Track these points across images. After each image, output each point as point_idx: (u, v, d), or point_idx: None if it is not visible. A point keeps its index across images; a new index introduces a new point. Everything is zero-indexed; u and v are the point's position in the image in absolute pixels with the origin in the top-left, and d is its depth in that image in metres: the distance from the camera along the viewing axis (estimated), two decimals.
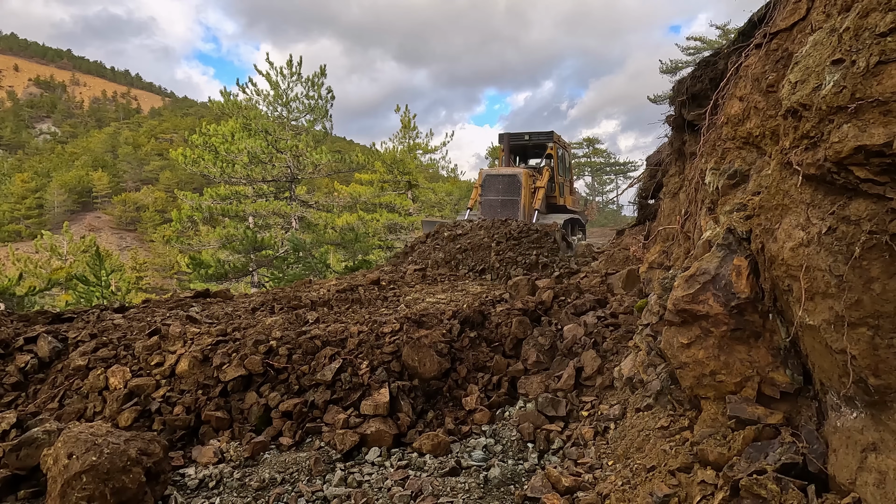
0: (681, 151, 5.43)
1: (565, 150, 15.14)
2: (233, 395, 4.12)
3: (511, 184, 12.39)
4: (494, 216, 11.64)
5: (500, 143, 14.21)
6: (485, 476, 3.33)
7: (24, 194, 65.98)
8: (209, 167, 20.63)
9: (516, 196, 12.24)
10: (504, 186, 12.48)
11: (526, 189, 12.29)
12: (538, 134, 14.15)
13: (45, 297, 16.02)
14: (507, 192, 12.37)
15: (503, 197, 12.40)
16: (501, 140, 14.12)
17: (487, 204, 12.56)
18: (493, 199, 12.54)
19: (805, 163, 2.25)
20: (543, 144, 14.21)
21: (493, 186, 12.61)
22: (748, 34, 4.07)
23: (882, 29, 1.95)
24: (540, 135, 14.11)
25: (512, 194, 12.33)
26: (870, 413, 2.10)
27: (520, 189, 12.26)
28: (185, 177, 55.27)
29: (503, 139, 14.03)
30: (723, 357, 2.80)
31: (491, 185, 12.65)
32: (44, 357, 4.70)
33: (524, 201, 12.20)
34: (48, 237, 23.83)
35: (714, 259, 2.93)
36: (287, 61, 22.04)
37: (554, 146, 13.96)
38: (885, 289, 1.95)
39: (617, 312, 4.93)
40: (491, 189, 12.63)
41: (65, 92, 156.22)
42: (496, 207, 12.34)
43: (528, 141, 14.24)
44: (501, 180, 12.53)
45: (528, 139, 14.15)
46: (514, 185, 12.34)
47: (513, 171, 12.73)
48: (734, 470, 2.33)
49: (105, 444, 2.91)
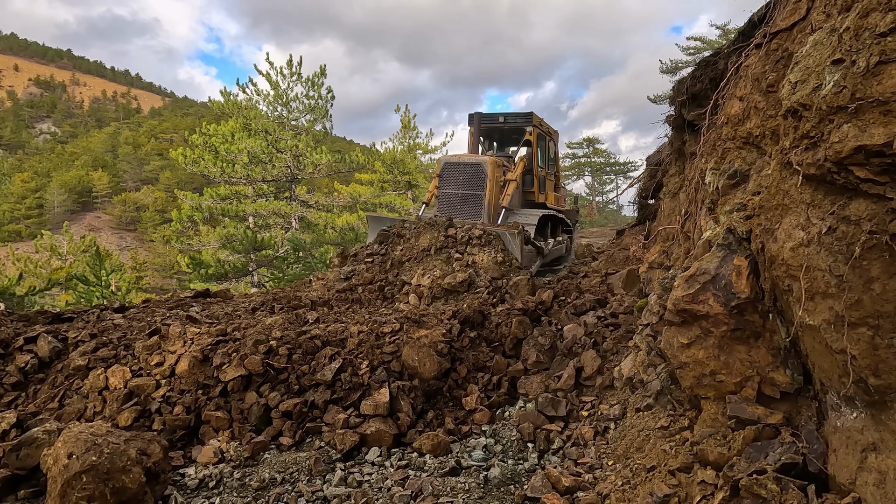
0: (681, 151, 5.43)
1: (549, 137, 12.75)
2: (233, 395, 4.12)
3: (474, 174, 10.30)
4: (453, 214, 9.95)
5: (469, 124, 11.78)
6: (485, 476, 3.33)
7: (24, 194, 65.98)
8: (209, 167, 20.63)
9: (480, 190, 10.16)
10: (466, 177, 10.38)
11: (493, 181, 10.12)
12: (515, 115, 11.75)
13: (45, 297, 16.03)
14: (469, 185, 10.32)
15: (464, 191, 10.35)
16: (471, 121, 11.64)
17: (445, 199, 10.52)
18: (451, 194, 10.50)
19: (805, 163, 2.25)
20: (521, 128, 11.69)
21: (452, 177, 10.52)
22: (748, 34, 4.07)
23: (882, 29, 1.95)
24: (517, 116, 11.69)
25: (474, 187, 10.26)
26: (870, 413, 2.10)
27: (484, 181, 10.11)
28: (185, 177, 55.26)
29: (473, 119, 11.55)
30: (723, 357, 2.80)
31: (450, 175, 10.55)
32: (44, 357, 4.70)
33: (489, 196, 10.07)
34: (48, 237, 23.83)
35: (714, 259, 2.93)
36: (287, 61, 22.04)
37: (533, 131, 11.47)
38: (885, 289, 1.95)
39: (617, 312, 4.93)
40: (450, 180, 10.53)
41: (65, 92, 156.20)
42: (455, 204, 10.39)
43: (504, 123, 11.85)
44: (462, 170, 10.40)
45: (503, 121, 11.77)
46: (478, 175, 10.24)
47: (476, 158, 10.48)
48: (734, 470, 2.33)
49: (105, 444, 2.91)
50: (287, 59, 23.11)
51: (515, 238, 7.86)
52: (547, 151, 12.56)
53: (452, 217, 9.54)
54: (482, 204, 10.15)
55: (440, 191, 10.65)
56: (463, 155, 11.03)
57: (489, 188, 10.08)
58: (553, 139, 13.08)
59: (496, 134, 12.79)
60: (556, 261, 11.02)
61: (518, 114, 11.83)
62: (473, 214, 10.08)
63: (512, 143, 12.62)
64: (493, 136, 12.98)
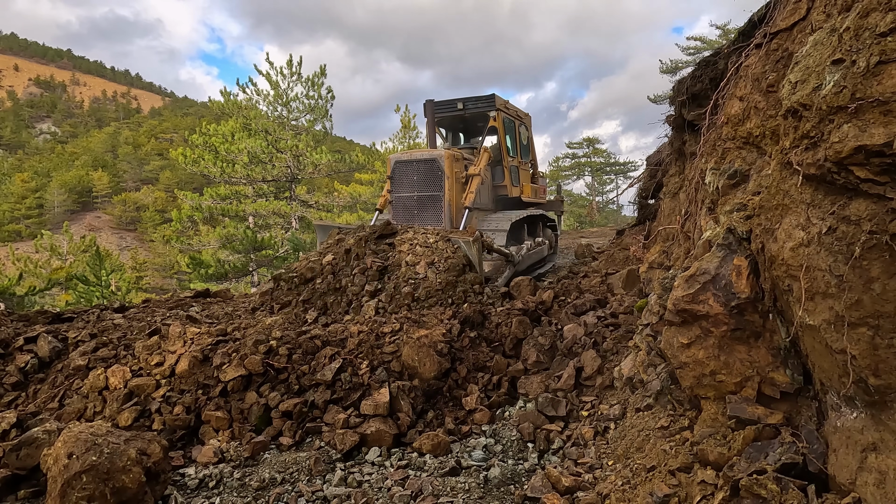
0: (681, 151, 5.43)
1: (519, 122, 11.20)
2: (232, 395, 4.12)
3: (429, 172, 8.88)
4: (410, 220, 8.76)
5: (425, 115, 10.07)
6: (485, 476, 3.33)
7: (24, 194, 66.00)
8: (209, 167, 20.63)
9: (437, 190, 8.77)
10: (420, 177, 8.96)
11: (452, 179, 8.71)
12: (475, 100, 10.22)
13: (45, 297, 16.02)
14: (425, 185, 8.91)
15: (420, 193, 8.93)
16: (426, 111, 10.00)
17: (400, 204, 9.14)
18: (406, 197, 9.08)
19: (805, 163, 2.25)
20: (483, 115, 10.15)
21: (405, 178, 9.13)
22: (748, 34, 4.07)
23: (882, 29, 1.95)
24: (477, 101, 10.19)
25: (431, 187, 8.86)
26: (870, 413, 2.10)
27: (441, 179, 8.71)
28: (185, 177, 55.29)
29: (427, 109, 9.93)
30: (723, 357, 2.80)
31: (402, 175, 9.15)
32: (44, 357, 4.70)
33: (449, 196, 8.69)
34: (48, 237, 23.82)
35: (714, 259, 2.93)
36: (287, 61, 22.05)
37: (497, 115, 9.96)
38: (885, 289, 1.95)
39: (617, 312, 4.93)
40: (403, 182, 9.12)
41: (65, 92, 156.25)
42: (411, 209, 9.00)
43: (464, 111, 10.25)
44: (416, 168, 9.00)
45: (461, 108, 10.21)
46: (433, 173, 8.83)
47: (430, 153, 9.02)
48: (734, 470, 2.33)
49: (105, 444, 2.91)
50: (287, 58, 23.13)
51: (471, 247, 6.56)
52: (517, 138, 10.96)
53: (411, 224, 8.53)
54: (441, 207, 8.78)
55: (393, 195, 9.23)
56: (415, 151, 9.59)
57: (448, 187, 8.70)
58: (525, 123, 11.53)
59: (459, 124, 11.27)
60: (539, 262, 9.98)
61: (479, 98, 10.22)
62: (433, 219, 8.78)
63: (478, 132, 10.99)
64: (455, 128, 11.44)
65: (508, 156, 10.38)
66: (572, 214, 41.55)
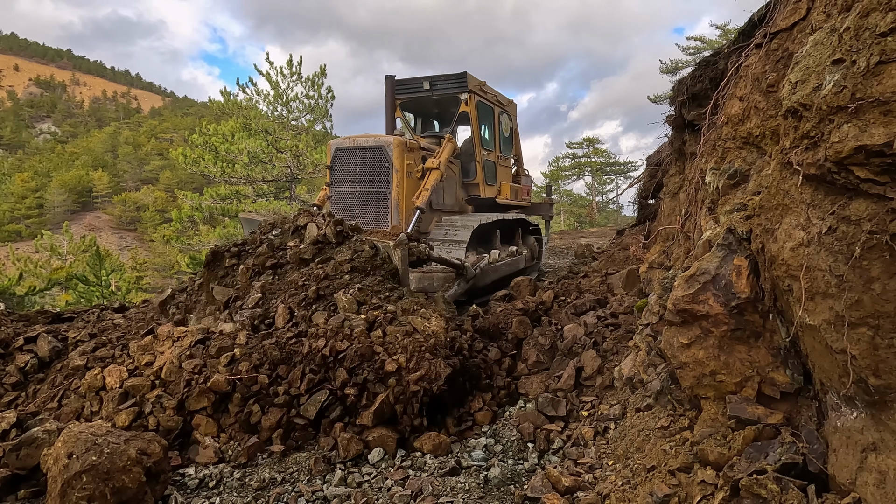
0: (681, 151, 5.43)
1: (500, 109, 9.46)
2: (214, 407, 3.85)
3: (374, 163, 7.30)
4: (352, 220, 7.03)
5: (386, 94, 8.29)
6: (485, 476, 3.33)
7: (24, 194, 66.03)
8: (209, 167, 20.64)
9: (383, 185, 7.23)
10: (364, 168, 7.37)
11: (402, 172, 7.16)
12: (444, 79, 8.55)
13: (45, 297, 16.03)
14: (369, 179, 7.36)
15: (362, 188, 7.40)
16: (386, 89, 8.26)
17: (339, 200, 7.60)
18: (347, 193, 7.53)
19: (805, 163, 2.25)
20: (454, 97, 8.52)
21: (346, 169, 7.52)
22: (748, 34, 4.07)
23: (882, 29, 1.95)
24: (447, 81, 8.52)
25: (376, 182, 7.31)
26: (870, 413, 2.10)
27: (388, 172, 7.18)
28: (185, 177, 55.32)
29: (386, 88, 8.22)
30: (723, 357, 2.80)
31: (343, 165, 7.54)
32: (44, 357, 4.69)
33: (398, 194, 7.16)
34: (48, 237, 23.82)
35: (714, 259, 2.93)
36: (287, 61, 22.06)
37: (470, 98, 8.33)
38: (885, 289, 1.95)
39: (617, 312, 4.93)
40: (344, 174, 7.54)
41: (65, 92, 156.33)
42: (353, 206, 7.48)
43: (430, 92, 8.60)
44: (358, 157, 7.42)
45: (428, 88, 8.59)
46: (379, 164, 7.25)
47: (376, 140, 7.38)
48: (734, 470, 2.33)
49: (105, 444, 2.91)
50: (287, 58, 23.15)
51: (393, 252, 5.24)
52: (496, 127, 9.36)
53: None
54: (388, 205, 7.25)
55: (333, 189, 7.69)
56: (359, 137, 7.70)
57: (396, 181, 7.15)
58: (507, 112, 9.86)
59: (431, 109, 9.50)
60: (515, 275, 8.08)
61: (448, 77, 8.55)
62: (377, 220, 7.28)
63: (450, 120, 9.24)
64: (426, 113, 9.71)
65: (483, 148, 8.77)
66: (572, 214, 41.54)
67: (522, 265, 8.59)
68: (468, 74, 8.46)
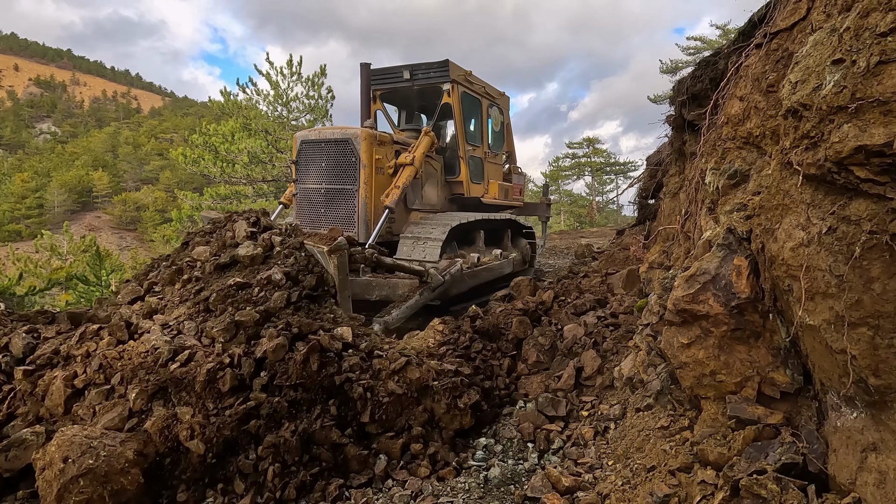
0: (681, 151, 5.43)
1: (490, 102, 8.84)
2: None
3: (340, 157, 6.67)
4: (316, 221, 6.78)
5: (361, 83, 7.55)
6: (485, 476, 3.33)
7: (24, 194, 66.06)
8: (209, 167, 20.65)
9: (349, 182, 6.61)
10: (329, 163, 6.74)
11: (370, 167, 6.54)
12: (426, 68, 7.88)
13: (45, 297, 16.03)
14: (335, 175, 6.71)
15: (328, 185, 6.76)
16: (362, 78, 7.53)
17: (304, 199, 7.00)
18: (312, 190, 6.92)
19: (805, 163, 2.24)
20: (436, 88, 7.91)
21: (311, 163, 6.91)
22: (748, 34, 4.07)
23: (882, 29, 1.95)
24: (429, 70, 7.85)
25: (342, 178, 6.67)
26: (870, 413, 2.10)
27: (356, 167, 6.56)
28: (185, 177, 55.34)
29: (362, 75, 7.48)
30: (723, 357, 2.80)
31: (308, 160, 6.94)
32: (17, 354, 4.45)
33: (366, 192, 6.54)
34: (48, 237, 23.81)
35: (714, 259, 2.93)
36: (287, 61, 22.07)
37: (453, 89, 7.73)
38: (885, 289, 1.95)
39: (617, 312, 4.93)
40: (309, 169, 6.93)
41: (65, 92, 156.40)
42: (318, 205, 6.86)
43: (411, 82, 7.99)
44: (324, 151, 6.79)
45: (409, 78, 7.95)
46: (346, 159, 6.62)
47: (342, 131, 6.75)
48: (734, 470, 2.33)
49: (101, 447, 2.87)
50: (287, 58, 23.16)
51: (328, 259, 4.45)
52: (483, 121, 8.74)
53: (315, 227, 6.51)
54: (354, 205, 6.59)
55: (298, 185, 7.12)
56: (326, 128, 7.28)
57: (364, 178, 6.52)
58: (498, 105, 9.24)
59: (415, 101, 8.80)
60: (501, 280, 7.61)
61: (430, 65, 7.86)
62: (344, 220, 6.66)
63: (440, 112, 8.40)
64: (410, 105, 8.98)
65: (468, 143, 8.15)
66: (572, 214, 41.54)
67: (509, 269, 7.96)
68: (451, 63, 7.69)
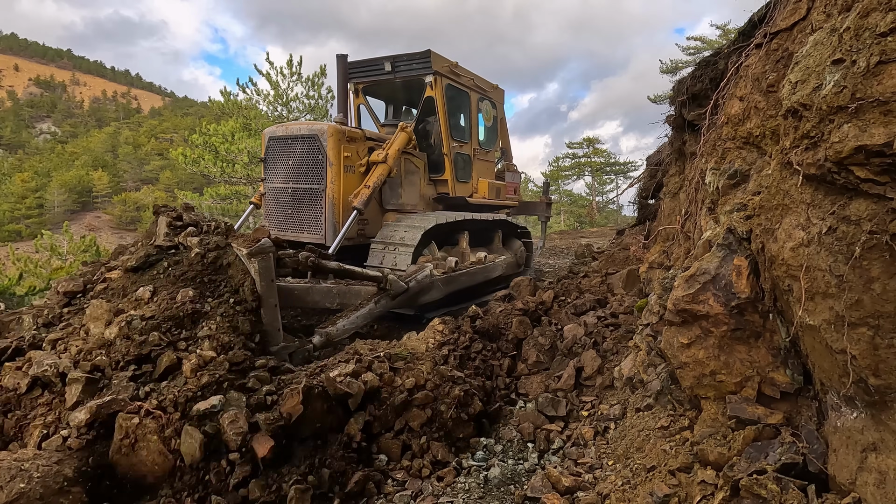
0: (681, 151, 5.43)
1: (481, 95, 8.38)
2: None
3: (307, 154, 6.29)
4: (283, 223, 6.46)
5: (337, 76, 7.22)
6: (485, 476, 3.33)
7: (24, 194, 66.06)
8: (209, 167, 20.67)
9: (316, 181, 6.23)
10: (296, 161, 6.37)
11: (339, 166, 6.14)
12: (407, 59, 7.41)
13: (45, 297, 16.03)
14: (302, 174, 6.34)
15: (294, 184, 6.39)
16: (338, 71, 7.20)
17: (272, 197, 6.66)
18: (279, 190, 6.56)
19: (805, 163, 2.25)
20: (419, 80, 7.46)
21: (279, 161, 6.55)
22: (748, 34, 4.07)
23: (882, 29, 1.95)
24: (410, 61, 7.37)
25: (309, 177, 6.29)
26: (870, 413, 2.10)
27: (322, 165, 6.15)
28: (185, 177, 55.33)
29: (339, 68, 7.14)
30: (723, 357, 2.80)
31: (276, 157, 6.58)
32: None
33: (334, 191, 6.13)
34: (48, 237, 23.80)
35: (714, 259, 2.93)
36: (287, 61, 22.09)
37: (437, 81, 7.26)
38: (885, 289, 1.95)
39: (617, 312, 4.93)
40: (277, 167, 6.58)
41: (65, 92, 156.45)
42: (285, 205, 6.50)
43: (393, 74, 7.54)
44: (290, 148, 6.44)
45: (390, 70, 7.48)
46: (312, 155, 6.24)
47: (309, 126, 6.42)
48: (734, 470, 2.33)
49: (34, 468, 2.65)
50: (287, 58, 23.17)
51: (250, 263, 4.07)
52: (472, 115, 8.25)
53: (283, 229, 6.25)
54: (320, 206, 6.17)
55: (266, 185, 6.74)
56: (293, 123, 6.76)
57: (331, 176, 6.08)
58: (489, 97, 8.69)
59: (400, 93, 8.30)
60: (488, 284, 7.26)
61: (412, 55, 7.33)
62: (311, 222, 6.29)
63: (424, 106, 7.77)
64: (396, 99, 8.55)
65: (454, 139, 7.68)
66: (572, 214, 41.54)
67: (498, 273, 7.49)
68: (433, 53, 7.15)
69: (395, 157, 6.50)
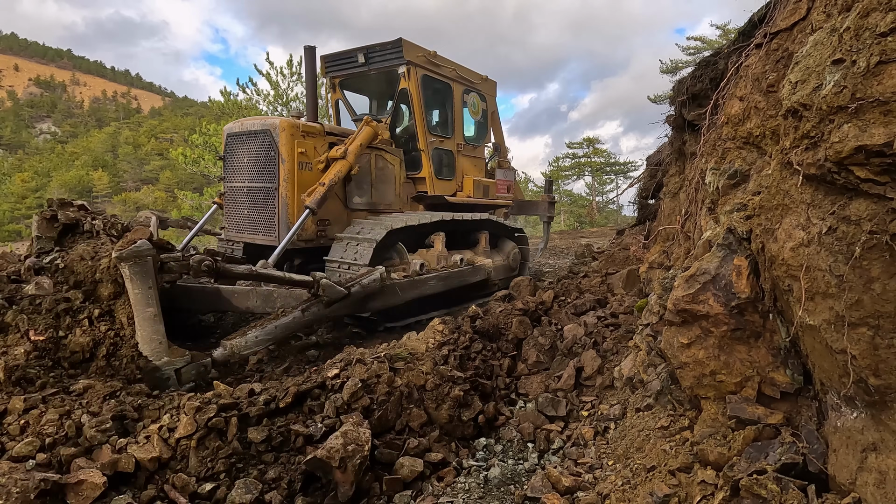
0: (681, 151, 5.43)
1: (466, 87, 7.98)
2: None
3: (260, 151, 5.99)
4: (241, 225, 6.19)
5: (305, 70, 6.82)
6: (485, 476, 3.33)
7: (25, 194, 66.09)
8: (209, 167, 20.66)
9: (269, 180, 5.93)
10: (251, 158, 6.07)
11: (292, 163, 5.81)
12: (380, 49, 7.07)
13: None
14: (256, 172, 6.05)
15: (249, 183, 6.11)
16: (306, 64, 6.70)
17: (230, 197, 6.38)
18: (237, 188, 6.27)
19: (805, 163, 2.25)
20: (394, 72, 7.13)
21: (236, 159, 6.25)
22: (748, 34, 4.08)
23: (882, 29, 1.95)
24: (383, 52, 7.03)
25: (262, 175, 5.99)
26: (870, 413, 2.10)
27: (275, 161, 5.85)
28: (185, 177, 55.38)
29: (307, 61, 6.60)
30: (723, 357, 2.80)
31: (233, 155, 6.27)
32: None
33: (287, 191, 5.82)
34: None
35: (714, 259, 2.93)
36: (287, 61, 22.08)
37: (410, 71, 6.92)
38: (885, 289, 1.95)
39: (617, 312, 4.93)
40: (234, 165, 6.27)
41: (65, 92, 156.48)
42: (241, 206, 6.23)
43: (367, 66, 7.28)
44: (245, 145, 6.13)
45: (364, 62, 7.23)
46: (266, 152, 5.93)
47: (262, 121, 6.09)
48: (734, 470, 2.33)
49: (11, 483, 2.56)
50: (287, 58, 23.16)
51: (122, 266, 3.60)
52: (455, 109, 7.74)
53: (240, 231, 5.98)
54: (274, 205, 5.86)
55: (225, 184, 6.45)
56: (248, 119, 6.45)
57: (284, 174, 5.75)
58: (477, 90, 8.21)
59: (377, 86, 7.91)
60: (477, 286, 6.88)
61: (385, 45, 6.95)
62: (264, 223, 5.99)
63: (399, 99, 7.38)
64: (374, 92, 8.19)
65: (431, 134, 7.26)
66: (572, 214, 41.55)
67: (480, 277, 6.91)
68: (404, 41, 6.71)
69: (356, 153, 5.99)
